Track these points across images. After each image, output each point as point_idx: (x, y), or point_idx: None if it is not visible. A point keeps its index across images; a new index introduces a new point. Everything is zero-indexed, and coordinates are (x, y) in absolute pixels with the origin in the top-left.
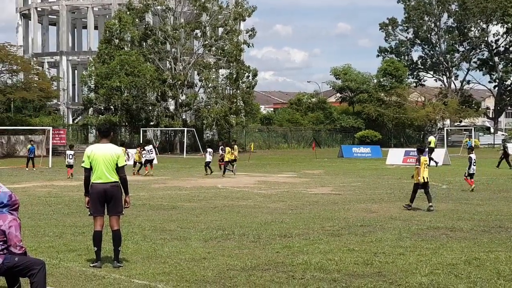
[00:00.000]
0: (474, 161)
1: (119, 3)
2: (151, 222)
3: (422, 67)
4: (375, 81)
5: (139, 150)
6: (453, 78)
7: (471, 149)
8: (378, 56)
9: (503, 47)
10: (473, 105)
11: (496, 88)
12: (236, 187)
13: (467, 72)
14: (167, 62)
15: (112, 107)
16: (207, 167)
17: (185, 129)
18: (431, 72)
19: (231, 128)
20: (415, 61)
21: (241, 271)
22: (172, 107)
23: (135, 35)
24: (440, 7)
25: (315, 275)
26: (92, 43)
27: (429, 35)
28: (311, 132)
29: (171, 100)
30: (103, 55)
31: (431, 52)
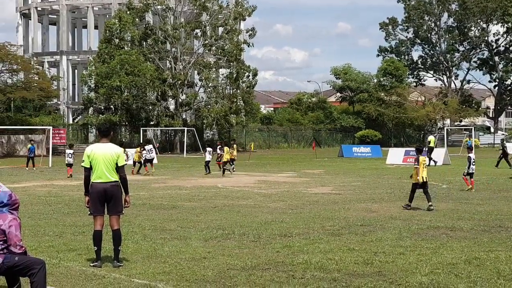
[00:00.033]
0: (473, 160)
1: (119, 3)
2: (151, 221)
3: (422, 66)
4: (375, 80)
5: (139, 150)
6: (453, 78)
7: (470, 148)
8: (378, 55)
9: (503, 46)
10: (473, 104)
11: (496, 88)
12: (236, 186)
13: (467, 72)
14: (167, 61)
15: (112, 106)
16: (207, 166)
17: (185, 128)
18: (431, 72)
19: (231, 128)
20: (415, 60)
21: (241, 270)
22: (172, 107)
23: (135, 34)
24: (440, 7)
25: (315, 274)
26: (92, 42)
27: (429, 35)
28: (311, 131)
29: (171, 99)
30: (103, 55)
31: (431, 51)
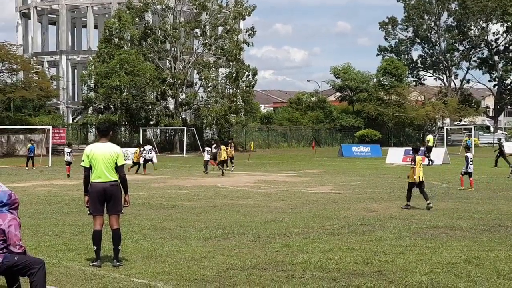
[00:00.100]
0: (470, 160)
1: (119, 2)
2: (150, 221)
3: (422, 66)
4: (374, 80)
5: (139, 150)
6: (453, 77)
7: (467, 148)
8: (378, 55)
9: (503, 46)
10: (473, 104)
11: (496, 87)
12: (236, 186)
13: (467, 71)
14: (167, 61)
15: (111, 106)
16: (205, 166)
17: (185, 128)
18: (431, 71)
19: (231, 127)
20: (415, 60)
21: (241, 270)
22: (172, 106)
23: (135, 34)
24: (440, 6)
25: (315, 274)
26: (92, 42)
27: (429, 34)
28: (311, 131)
29: (170, 99)
30: (102, 54)
31: (431, 51)
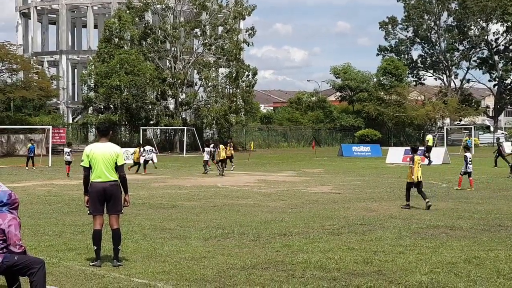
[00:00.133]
0: (469, 159)
1: (119, 2)
2: (150, 221)
3: (422, 65)
4: (375, 80)
5: (138, 149)
6: (453, 77)
7: (466, 148)
8: (378, 55)
9: (503, 45)
10: (473, 103)
11: (496, 87)
12: (236, 186)
13: (467, 71)
14: (167, 61)
15: (112, 106)
16: (205, 166)
17: (185, 128)
18: (431, 71)
19: (231, 127)
20: (415, 59)
21: (241, 270)
22: (172, 106)
23: (135, 34)
24: (440, 6)
25: (315, 273)
26: (92, 42)
27: (429, 34)
28: (311, 131)
29: (171, 99)
30: (102, 54)
31: (431, 50)
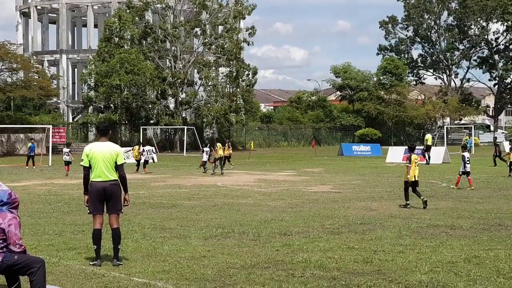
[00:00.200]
0: (467, 159)
1: (119, 1)
2: (150, 220)
3: (422, 65)
4: (375, 79)
5: (138, 148)
6: (453, 76)
7: (464, 147)
8: (378, 54)
9: (503, 45)
10: (473, 103)
11: (496, 86)
12: (236, 185)
13: (467, 70)
14: (167, 60)
15: (112, 105)
16: (203, 166)
17: (185, 127)
18: (431, 70)
19: (231, 126)
20: (415, 59)
21: (241, 269)
22: (172, 105)
23: (135, 33)
24: (440, 5)
25: (315, 273)
26: (92, 41)
27: (429, 33)
28: (311, 130)
29: (171, 98)
30: (103, 53)
31: (431, 50)
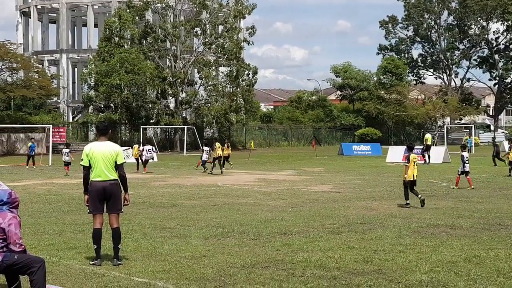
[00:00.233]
0: (466, 159)
1: (119, 1)
2: (151, 220)
3: (422, 64)
4: (375, 79)
5: (137, 147)
6: (453, 76)
7: (463, 147)
8: (378, 54)
9: (503, 44)
10: (473, 102)
11: (496, 86)
12: (236, 184)
13: (467, 70)
14: (167, 60)
15: (112, 105)
16: (203, 165)
17: (185, 127)
18: (431, 70)
19: (231, 126)
20: (415, 58)
21: (241, 268)
22: (172, 105)
23: (135, 33)
24: (440, 5)
25: (315, 272)
26: (92, 41)
27: (429, 33)
28: (311, 130)
29: (171, 98)
30: (103, 53)
31: (431, 49)
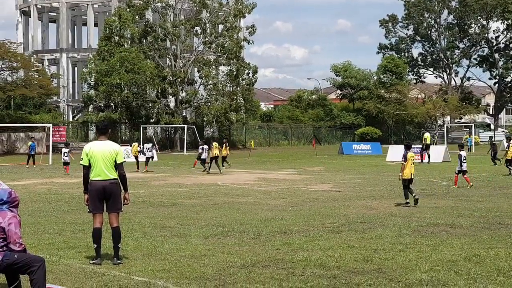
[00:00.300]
0: (464, 158)
1: (119, 0)
2: (151, 219)
3: (422, 64)
4: (375, 78)
5: (137, 145)
6: (453, 75)
7: (461, 146)
8: (378, 53)
9: (503, 43)
10: (473, 101)
11: (496, 85)
12: (236, 184)
13: (467, 69)
14: (167, 59)
15: (112, 104)
16: (202, 164)
17: (185, 126)
18: (431, 69)
19: (231, 125)
20: (415, 57)
21: (241, 268)
22: (172, 104)
23: (135, 32)
24: (440, 4)
25: (315, 271)
26: (92, 40)
27: (429, 32)
28: (311, 129)
29: (171, 97)
30: (103, 52)
31: (431, 48)
